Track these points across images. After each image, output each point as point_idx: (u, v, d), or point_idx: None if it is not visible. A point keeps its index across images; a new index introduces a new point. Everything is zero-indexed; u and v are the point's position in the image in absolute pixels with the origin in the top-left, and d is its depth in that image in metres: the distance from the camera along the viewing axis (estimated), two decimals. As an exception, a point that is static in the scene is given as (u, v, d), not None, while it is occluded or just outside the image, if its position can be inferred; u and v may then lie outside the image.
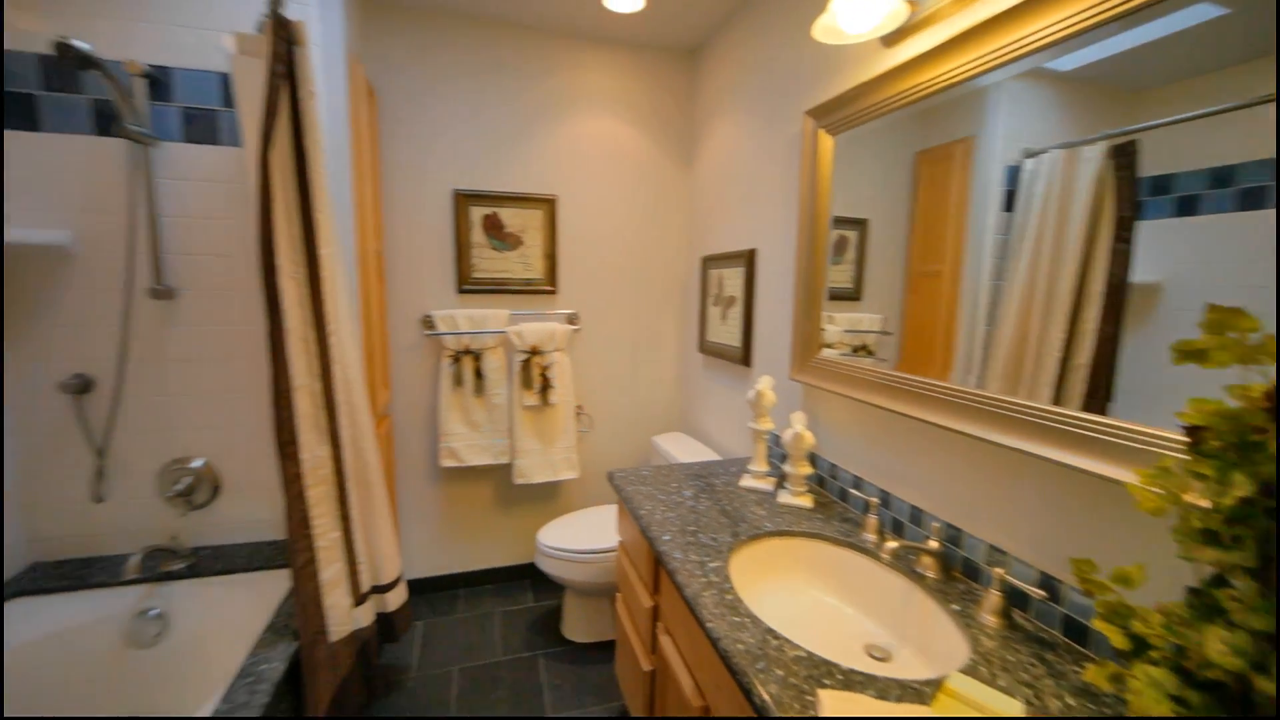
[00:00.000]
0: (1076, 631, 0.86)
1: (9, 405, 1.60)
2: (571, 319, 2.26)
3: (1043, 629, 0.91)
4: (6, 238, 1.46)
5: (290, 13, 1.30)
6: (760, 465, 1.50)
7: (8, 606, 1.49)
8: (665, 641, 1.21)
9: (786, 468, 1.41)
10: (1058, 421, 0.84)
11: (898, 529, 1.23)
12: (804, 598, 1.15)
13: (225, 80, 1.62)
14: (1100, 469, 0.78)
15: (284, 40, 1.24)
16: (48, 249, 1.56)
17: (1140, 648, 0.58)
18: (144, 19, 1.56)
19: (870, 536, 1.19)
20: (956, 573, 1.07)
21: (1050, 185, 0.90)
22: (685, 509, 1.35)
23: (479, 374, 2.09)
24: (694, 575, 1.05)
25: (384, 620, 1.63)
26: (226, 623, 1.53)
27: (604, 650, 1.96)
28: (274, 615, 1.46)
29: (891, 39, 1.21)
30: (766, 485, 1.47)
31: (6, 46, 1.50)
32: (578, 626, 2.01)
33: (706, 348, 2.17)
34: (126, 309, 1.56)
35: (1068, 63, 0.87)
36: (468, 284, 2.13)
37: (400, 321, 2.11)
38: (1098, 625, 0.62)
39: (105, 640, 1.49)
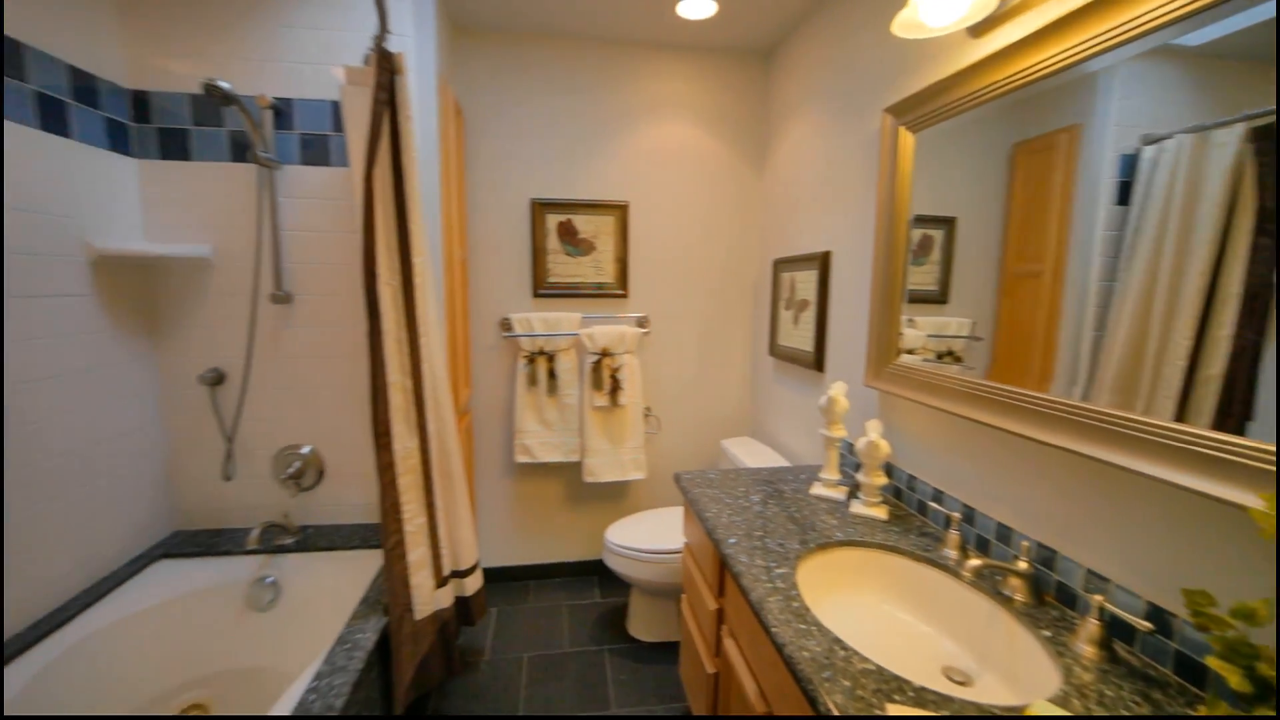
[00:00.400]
0: (1191, 671, 0.78)
1: (163, 394, 1.86)
2: (641, 322, 2.30)
3: (1150, 664, 0.82)
4: (162, 252, 1.71)
5: (391, 45, 1.43)
6: (831, 473, 1.46)
7: (156, 565, 1.73)
8: (729, 645, 1.21)
9: (860, 477, 1.36)
10: (1183, 441, 0.75)
11: (982, 547, 1.16)
12: (876, 612, 1.10)
13: (335, 108, 1.81)
14: (1233, 495, 0.68)
15: (387, 70, 1.37)
16: (193, 260, 1.81)
17: (1264, 692, 0.52)
18: (272, 58, 1.77)
19: (951, 553, 1.13)
20: (1049, 597, 0.99)
21: (1175, 174, 0.80)
22: (752, 514, 1.34)
23: (552, 374, 2.18)
24: (759, 580, 1.05)
25: (462, 604, 1.74)
26: (328, 593, 1.69)
27: (668, 650, 1.97)
28: (367, 590, 1.60)
29: (980, 29, 1.15)
30: (838, 494, 1.43)
31: (164, 89, 1.75)
32: (643, 625, 2.04)
33: (777, 351, 2.14)
34: (253, 312, 1.78)
35: (1199, 36, 0.77)
36: (543, 288, 2.23)
37: (480, 323, 2.24)
38: (1214, 664, 0.56)
39: (231, 601, 1.70)
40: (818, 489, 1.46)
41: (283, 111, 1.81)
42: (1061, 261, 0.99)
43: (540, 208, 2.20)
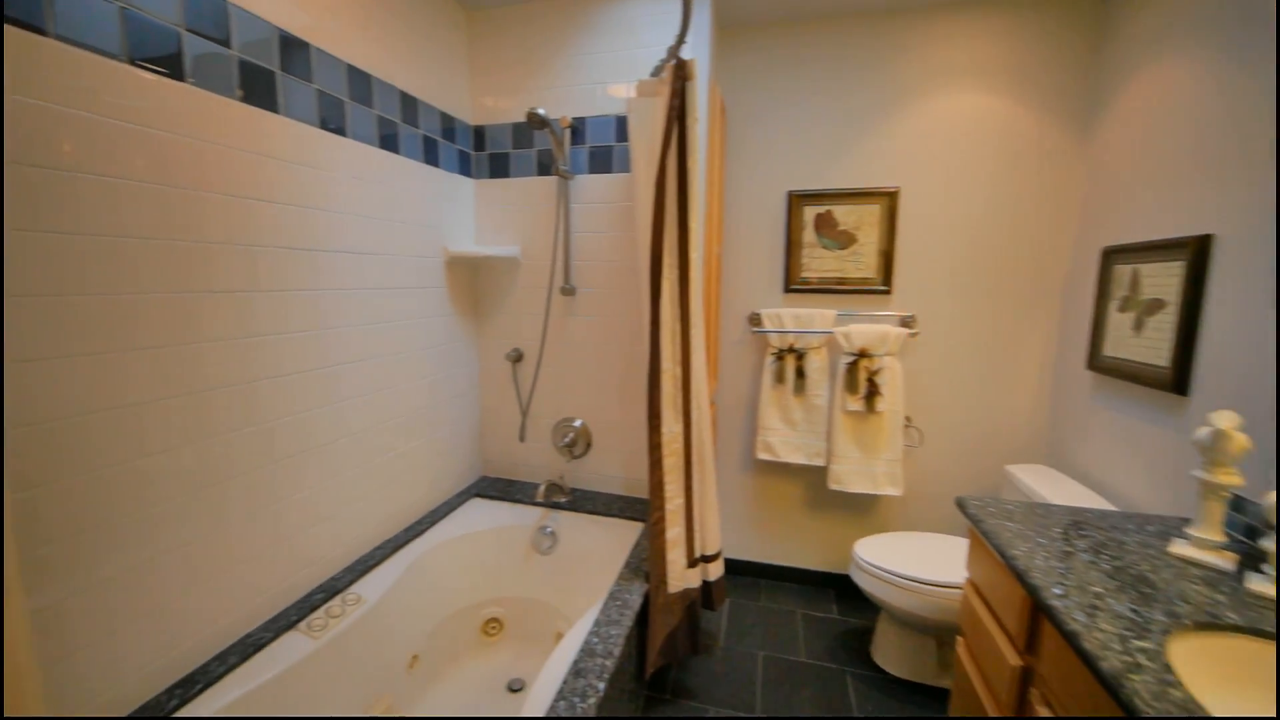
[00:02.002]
0: None
1: (482, 367, 2.33)
2: (907, 322, 2.06)
3: None
4: (487, 253, 2.12)
5: (683, 53, 1.51)
6: (1209, 532, 1.09)
7: (471, 502, 2.18)
8: (1044, 715, 0.99)
9: (1267, 544, 0.98)
10: None
11: None
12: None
13: (618, 121, 2.01)
14: None
15: (680, 78, 1.46)
16: (507, 259, 2.21)
17: None
18: (574, 84, 2.04)
19: None
20: None
21: None
22: (1078, 562, 1.08)
23: (800, 373, 2.10)
24: (1111, 649, 0.83)
25: (705, 587, 1.79)
26: (593, 552, 1.92)
27: (919, 692, 1.75)
28: (629, 556, 1.76)
29: None
30: (1219, 561, 1.06)
31: (494, 122, 2.17)
32: (892, 656, 1.84)
33: (1101, 364, 1.70)
34: (548, 303, 2.09)
35: None
36: (795, 283, 2.16)
37: (729, 317, 2.27)
38: None
39: (521, 541, 2.05)
40: (1184, 549, 1.10)
41: (578, 129, 2.08)
42: None
43: (797, 200, 2.13)
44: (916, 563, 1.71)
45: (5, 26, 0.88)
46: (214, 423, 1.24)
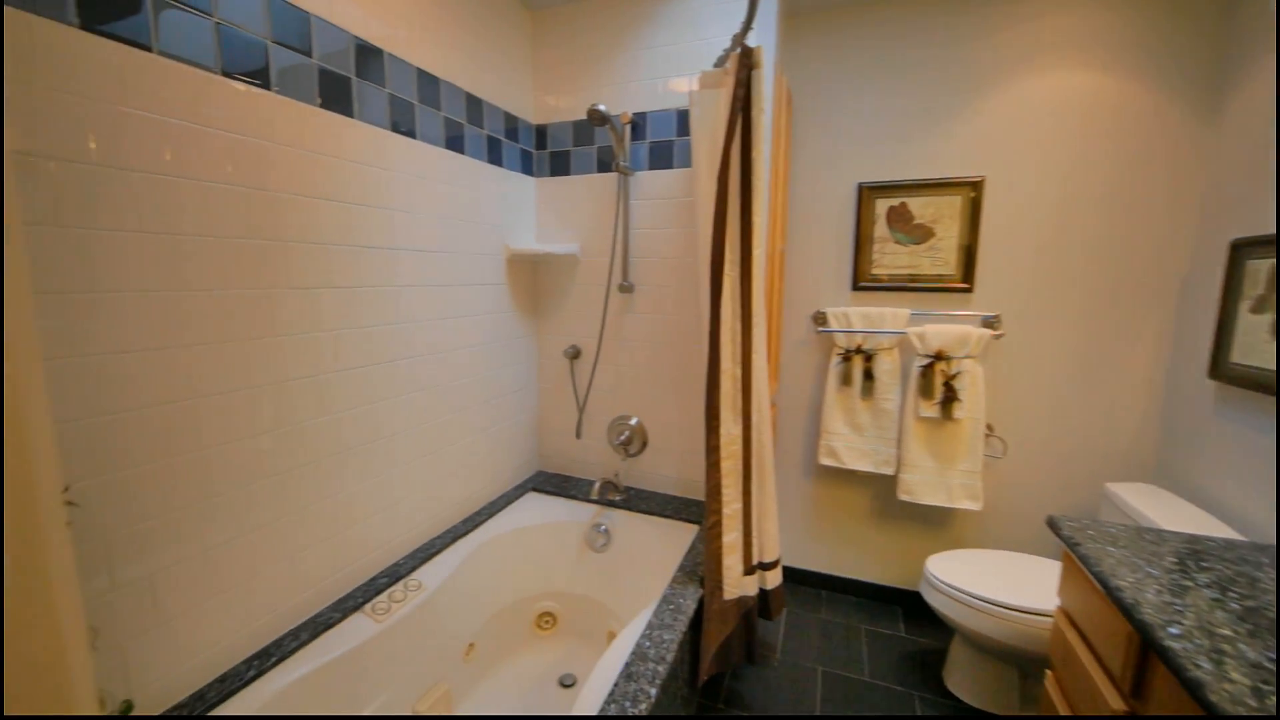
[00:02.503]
0: None
1: (540, 363, 2.36)
2: (990, 323, 1.90)
3: None
4: (547, 250, 2.14)
5: (749, 40, 1.46)
6: (1372, 572, 0.92)
7: (527, 496, 2.21)
8: (1152, 771, 0.87)
9: None
10: None
11: None
12: None
13: (679, 116, 1.97)
14: None
15: (745, 66, 1.40)
16: (566, 257, 2.22)
17: None
18: (634, 79, 2.02)
19: None
20: None
21: None
22: (1200, 599, 0.94)
23: (869, 375, 1.98)
24: (1244, 704, 0.71)
25: (762, 596, 1.73)
26: (647, 552, 1.89)
27: (999, 726, 1.61)
28: (683, 559, 1.73)
29: None
30: (1385, 607, 0.89)
31: (555, 120, 2.18)
32: (965, 683, 1.70)
33: (1228, 373, 1.49)
34: (606, 300, 2.09)
35: None
36: (864, 281, 2.05)
37: (792, 316, 2.18)
38: None
39: (575, 537, 2.05)
40: (1337, 590, 0.94)
41: (638, 125, 2.06)
42: None
43: (869, 192, 2.01)
44: (997, 584, 1.57)
45: (118, 45, 0.96)
46: (290, 412, 1.31)
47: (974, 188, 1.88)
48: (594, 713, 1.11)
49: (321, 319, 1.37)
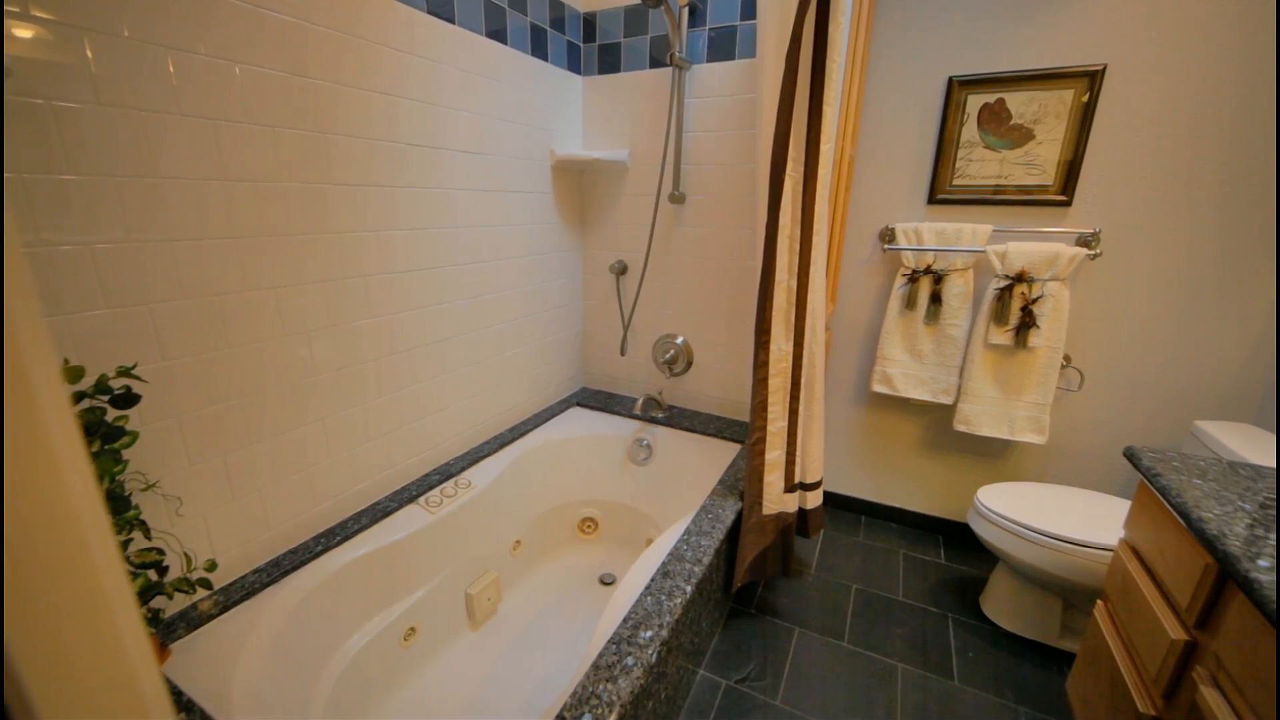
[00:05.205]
0: None
1: (585, 278, 2.31)
2: (1087, 241, 1.68)
3: None
4: (596, 156, 2.02)
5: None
6: None
7: (571, 410, 2.25)
8: (1210, 696, 0.83)
9: None
10: None
11: None
12: None
13: (746, -5, 1.74)
14: None
15: (825, -82, 1.19)
16: (615, 164, 2.10)
17: None
18: (696, -49, 1.79)
19: None
20: None
21: None
22: (1300, 540, 0.85)
23: (936, 298, 1.83)
24: (1345, 651, 0.64)
25: (801, 514, 1.73)
26: (688, 468, 1.91)
27: (1032, 649, 1.60)
28: (724, 474, 1.73)
29: None
30: None
31: (605, 7, 1.98)
32: (1004, 609, 1.68)
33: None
34: (655, 212, 1.98)
35: None
36: (943, 193, 1.84)
37: (856, 233, 2.01)
38: None
39: (618, 450, 2.09)
40: None
41: (697, 8, 1.85)
42: None
43: (960, 87, 1.75)
44: (1053, 517, 1.50)
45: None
46: (342, 311, 1.34)
47: (1090, 79, 1.61)
48: (629, 605, 1.15)
49: (363, 218, 1.35)
